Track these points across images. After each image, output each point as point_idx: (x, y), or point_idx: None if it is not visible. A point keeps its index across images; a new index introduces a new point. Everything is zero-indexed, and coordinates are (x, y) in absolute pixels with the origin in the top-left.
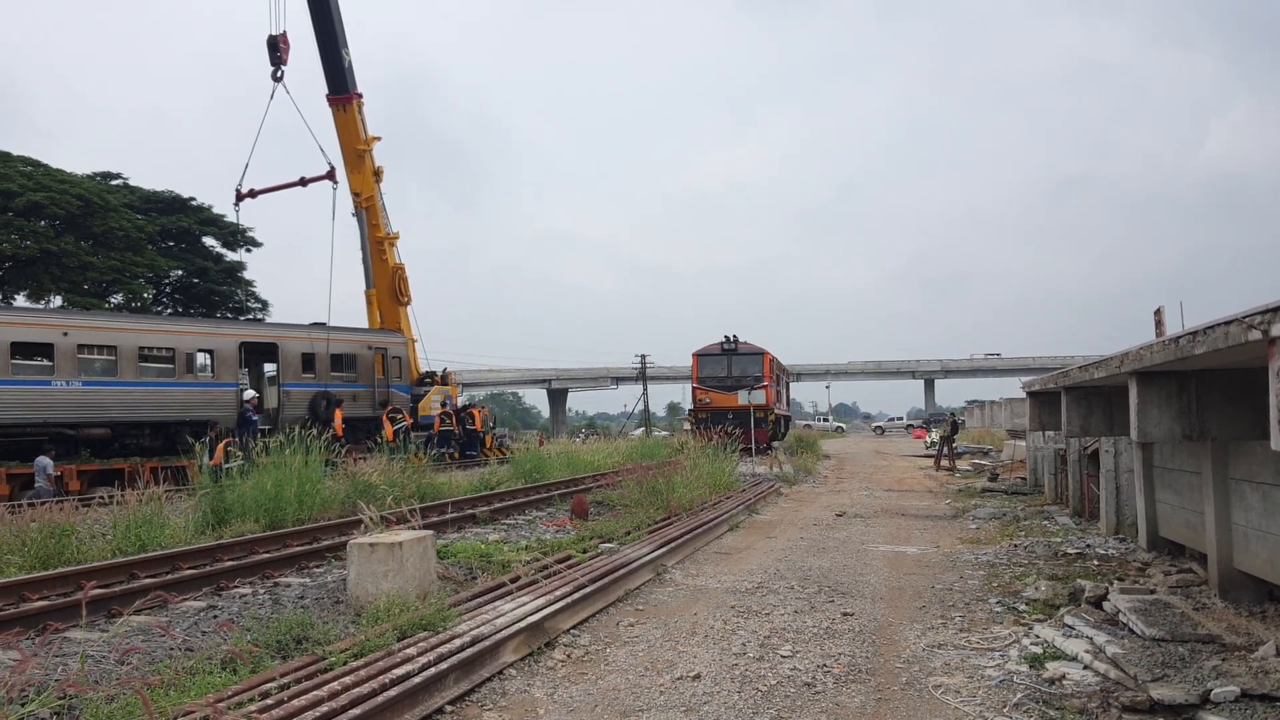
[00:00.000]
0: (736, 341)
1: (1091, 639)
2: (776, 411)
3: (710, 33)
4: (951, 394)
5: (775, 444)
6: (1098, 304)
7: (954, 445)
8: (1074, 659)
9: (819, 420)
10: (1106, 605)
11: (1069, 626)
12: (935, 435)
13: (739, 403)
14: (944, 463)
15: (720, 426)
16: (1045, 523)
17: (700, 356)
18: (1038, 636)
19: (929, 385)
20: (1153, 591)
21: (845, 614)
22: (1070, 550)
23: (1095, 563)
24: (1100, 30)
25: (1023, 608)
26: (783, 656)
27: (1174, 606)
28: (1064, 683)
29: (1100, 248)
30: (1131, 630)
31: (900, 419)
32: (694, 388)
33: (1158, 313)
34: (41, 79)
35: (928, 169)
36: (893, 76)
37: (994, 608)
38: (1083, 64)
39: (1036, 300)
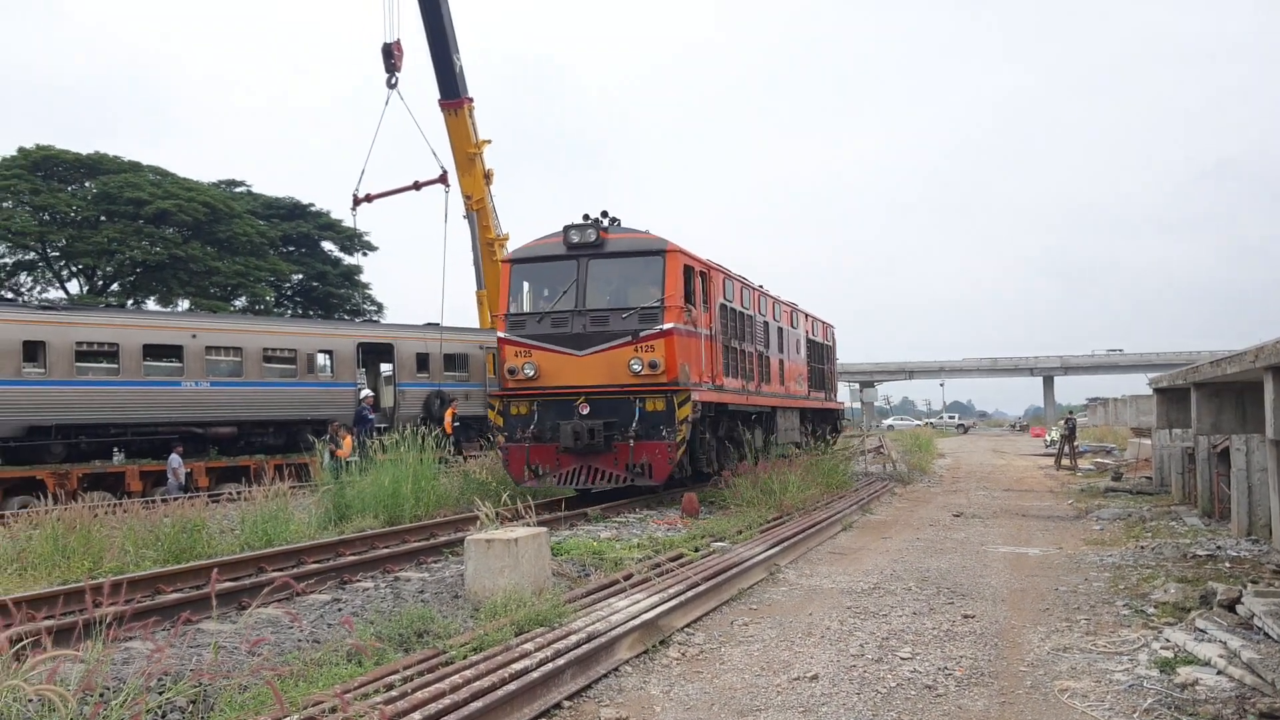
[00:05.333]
0: (604, 226)
1: (1225, 643)
2: (739, 395)
3: (801, 20)
4: (1072, 391)
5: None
6: (1231, 298)
7: (1075, 444)
8: (1207, 664)
9: (940, 418)
10: (1240, 609)
11: (1200, 630)
12: (1055, 434)
13: (625, 374)
14: (1064, 462)
15: (554, 433)
16: (1173, 523)
17: (516, 264)
18: (1168, 640)
19: (1048, 383)
20: None
21: (966, 616)
22: (1200, 552)
23: (1227, 565)
24: (1227, 9)
25: (1151, 611)
26: (902, 658)
27: None
28: (1197, 688)
29: (1238, 238)
30: (1267, 635)
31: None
32: (500, 339)
33: None
34: (181, 79)
35: (1051, 158)
36: (1010, 60)
37: (1121, 611)
38: (1215, 46)
39: (1165, 294)
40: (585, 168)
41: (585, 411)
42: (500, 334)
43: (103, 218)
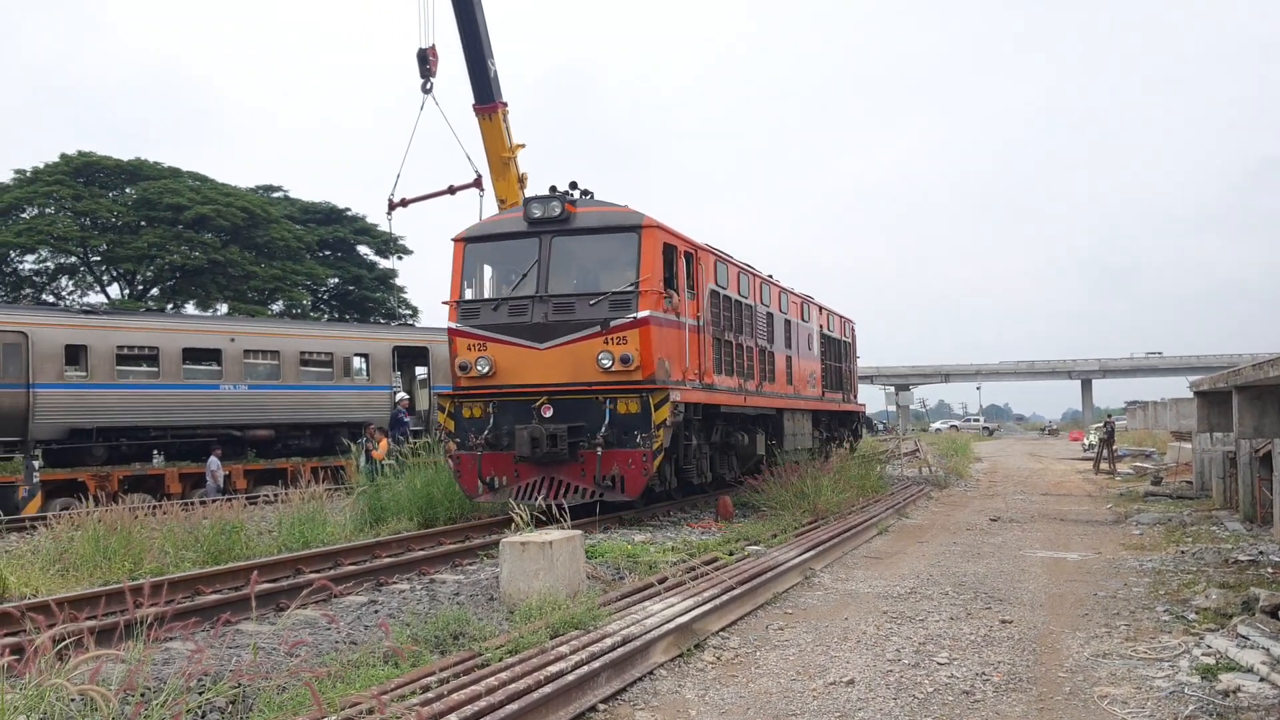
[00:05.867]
0: (571, 199)
1: (1268, 650)
2: (738, 390)
3: (847, 22)
4: (1110, 394)
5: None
6: (1275, 299)
7: (1114, 448)
8: (1249, 670)
9: (966, 421)
10: None
11: (1243, 636)
12: (1093, 437)
13: (593, 371)
14: (1103, 466)
15: (512, 439)
16: (1214, 528)
17: (470, 244)
18: (1209, 646)
19: (1086, 386)
20: None
21: (1003, 621)
22: (1242, 557)
23: (1269, 570)
24: (1268, 6)
25: (1192, 616)
26: (939, 663)
27: None
28: (1239, 695)
29: None
30: None
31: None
32: (450, 330)
33: None
34: (219, 88)
35: (1087, 157)
36: (1043, 61)
37: (1161, 616)
38: (1257, 43)
39: (1206, 296)
40: (620, 169)
41: (548, 414)
42: (450, 324)
43: (143, 223)
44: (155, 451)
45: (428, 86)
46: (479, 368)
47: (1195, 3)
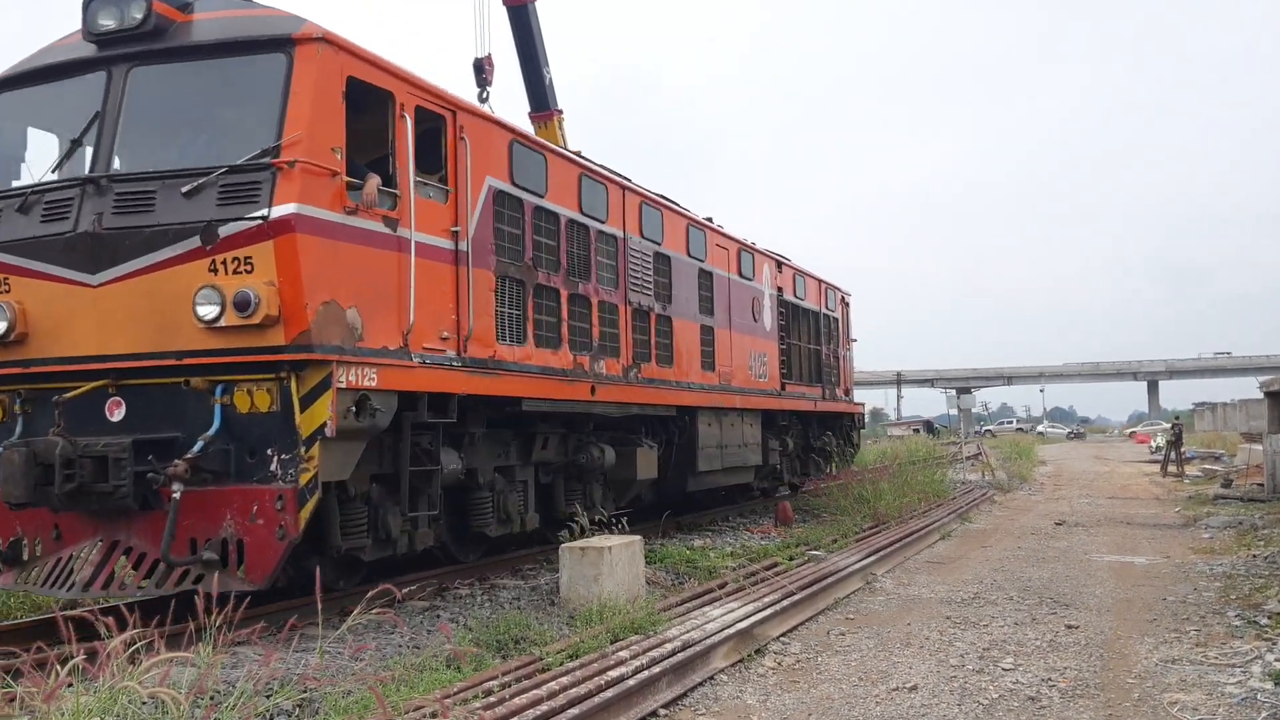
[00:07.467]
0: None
1: None
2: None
3: (890, 21)
4: (1177, 396)
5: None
6: None
7: (1181, 450)
8: None
9: (1001, 424)
10: None
11: None
12: (1160, 440)
13: (188, 328)
14: (1171, 469)
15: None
16: None
17: (4, 89)
18: None
19: (1152, 387)
20: None
21: (1069, 626)
22: None
23: None
24: None
25: (1265, 621)
26: (1004, 669)
27: None
28: None
29: None
30: None
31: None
32: None
33: None
34: None
35: (1153, 155)
36: (1106, 55)
37: (1233, 621)
38: None
39: (1278, 294)
40: (674, 175)
41: (116, 416)
42: None
43: None
44: None
45: (484, 96)
46: None
47: None
